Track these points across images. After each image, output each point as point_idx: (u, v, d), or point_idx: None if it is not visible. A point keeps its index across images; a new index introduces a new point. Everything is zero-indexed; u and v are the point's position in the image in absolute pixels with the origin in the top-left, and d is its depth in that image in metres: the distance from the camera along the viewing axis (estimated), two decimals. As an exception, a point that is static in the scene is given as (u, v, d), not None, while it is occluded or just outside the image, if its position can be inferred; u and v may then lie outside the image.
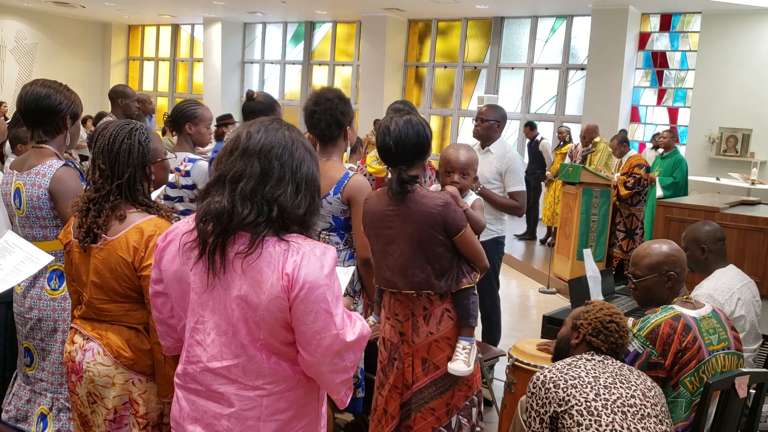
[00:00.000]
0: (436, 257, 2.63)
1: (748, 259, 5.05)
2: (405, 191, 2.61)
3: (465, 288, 2.68)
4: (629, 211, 7.33)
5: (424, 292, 2.67)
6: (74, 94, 2.81)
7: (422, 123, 2.67)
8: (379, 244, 2.74)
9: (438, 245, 2.61)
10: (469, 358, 2.66)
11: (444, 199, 2.60)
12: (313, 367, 1.70)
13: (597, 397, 2.21)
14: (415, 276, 2.65)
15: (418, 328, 2.70)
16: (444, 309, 2.70)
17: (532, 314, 6.37)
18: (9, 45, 16.30)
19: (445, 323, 2.69)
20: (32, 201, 2.65)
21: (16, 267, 2.40)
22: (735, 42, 10.21)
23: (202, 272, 1.71)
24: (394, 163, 2.65)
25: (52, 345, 2.71)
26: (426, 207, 2.59)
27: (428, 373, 2.70)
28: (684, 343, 2.54)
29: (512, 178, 4.35)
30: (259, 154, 1.68)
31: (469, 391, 2.75)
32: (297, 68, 15.73)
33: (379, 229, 2.72)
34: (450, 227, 2.60)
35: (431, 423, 2.71)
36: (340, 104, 3.04)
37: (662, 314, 2.63)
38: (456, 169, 2.83)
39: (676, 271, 2.76)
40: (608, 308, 2.49)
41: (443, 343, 2.69)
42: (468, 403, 2.74)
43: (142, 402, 2.20)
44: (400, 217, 2.64)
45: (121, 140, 2.17)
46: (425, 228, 2.60)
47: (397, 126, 2.62)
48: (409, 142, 2.61)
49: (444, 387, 2.70)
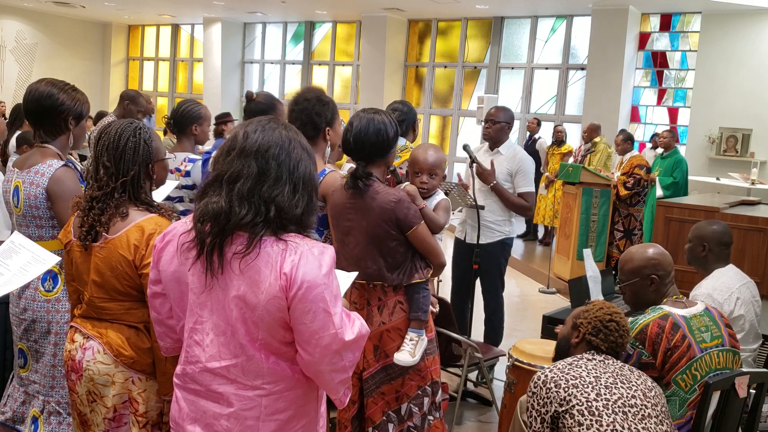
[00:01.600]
0: (388, 251, 2.75)
1: (748, 259, 5.05)
2: (356, 186, 2.74)
3: (416, 282, 2.80)
4: (628, 211, 7.33)
5: (377, 283, 2.79)
6: (80, 93, 2.76)
7: (385, 122, 2.75)
8: (338, 234, 2.88)
9: (391, 240, 2.73)
10: (415, 349, 2.77)
11: (397, 196, 2.72)
12: (312, 366, 1.70)
13: (598, 397, 2.22)
14: (368, 267, 2.76)
15: (372, 317, 2.81)
16: (397, 301, 2.81)
17: (532, 314, 6.37)
18: (9, 45, 16.30)
19: (397, 314, 2.81)
20: (29, 200, 2.63)
21: (23, 268, 2.39)
22: (735, 42, 10.20)
23: (200, 272, 1.71)
24: (355, 159, 2.79)
25: (45, 347, 2.68)
26: (379, 202, 2.71)
27: (379, 360, 2.82)
28: (673, 342, 2.56)
29: (522, 179, 4.41)
30: (256, 154, 1.68)
31: (422, 381, 2.85)
32: (297, 68, 15.73)
33: (338, 220, 2.85)
34: (402, 223, 2.71)
35: (381, 407, 2.83)
36: (317, 105, 3.05)
37: (650, 314, 2.66)
38: (424, 170, 2.95)
39: (658, 274, 2.78)
40: (608, 307, 2.49)
41: (394, 333, 2.81)
42: (420, 392, 2.85)
43: (141, 401, 2.20)
44: (357, 210, 2.76)
45: (126, 138, 2.18)
46: (378, 222, 2.72)
47: (359, 123, 2.75)
48: (368, 139, 2.73)
49: (394, 374, 2.83)
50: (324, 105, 3.06)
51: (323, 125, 3.06)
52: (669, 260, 2.81)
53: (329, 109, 3.08)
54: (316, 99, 3.06)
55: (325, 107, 3.06)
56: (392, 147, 2.81)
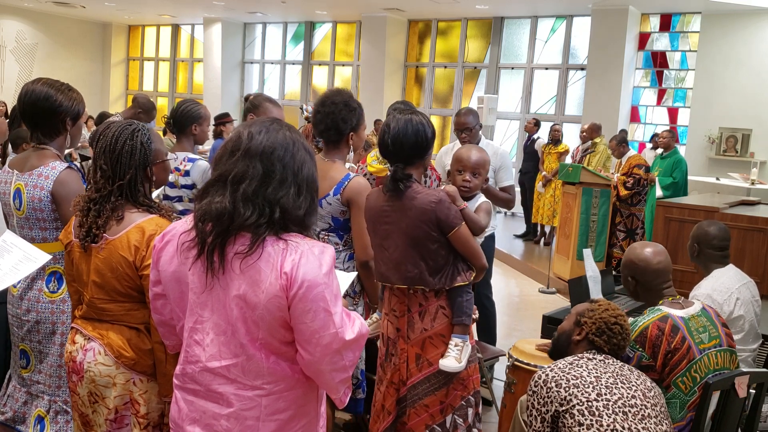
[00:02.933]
0: (429, 254, 2.66)
1: (748, 259, 5.05)
2: (397, 188, 2.66)
3: (459, 285, 2.70)
4: (629, 211, 7.33)
5: (418, 287, 2.69)
6: (76, 93, 2.74)
7: (423, 123, 2.69)
8: (376, 239, 2.79)
9: (432, 242, 2.64)
10: (461, 355, 2.67)
11: (438, 197, 2.63)
12: (313, 365, 1.70)
13: (599, 397, 2.22)
14: (409, 271, 2.67)
15: (413, 324, 2.72)
16: (439, 306, 2.71)
17: (531, 314, 6.37)
18: (9, 45, 16.30)
19: (439, 320, 2.71)
20: (33, 203, 2.62)
21: (14, 266, 2.38)
22: (735, 42, 10.21)
23: (200, 272, 1.71)
24: (392, 161, 2.70)
25: (50, 347, 2.68)
26: (420, 203, 2.63)
27: (422, 369, 2.72)
28: (673, 344, 2.55)
29: (504, 173, 4.52)
30: (261, 156, 1.68)
31: (465, 390, 2.75)
32: (297, 68, 15.73)
33: (376, 224, 2.76)
34: (443, 224, 2.63)
35: (425, 420, 2.72)
36: (343, 110, 3.02)
37: (649, 316, 2.64)
38: (467, 168, 2.87)
39: (635, 277, 2.80)
40: (613, 309, 2.48)
41: (437, 340, 2.71)
42: (464, 403, 2.75)
43: (143, 402, 2.20)
44: (396, 212, 2.68)
45: (123, 141, 2.17)
46: (419, 224, 2.63)
47: (397, 125, 2.67)
48: (407, 141, 2.65)
49: (438, 384, 2.72)
50: (351, 111, 3.04)
51: (348, 131, 3.04)
52: (655, 268, 2.76)
53: (356, 115, 3.06)
54: (343, 104, 3.03)
55: (352, 113, 3.04)
56: (430, 148, 2.75)
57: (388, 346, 2.80)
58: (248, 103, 3.69)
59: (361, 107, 3.13)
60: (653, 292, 2.78)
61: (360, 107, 3.11)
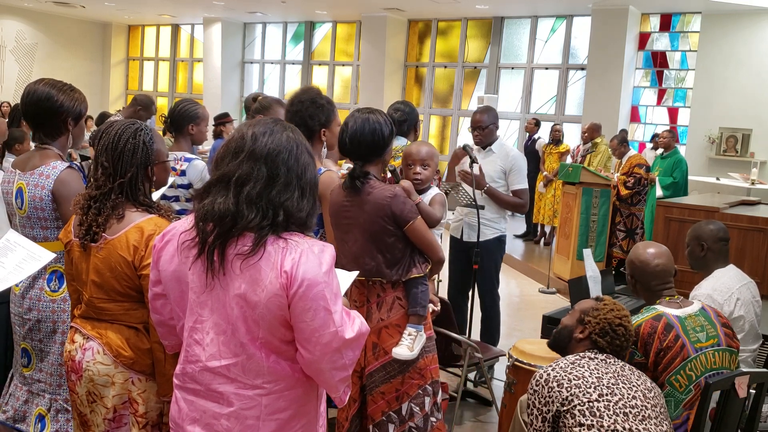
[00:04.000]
0: (387, 247, 2.76)
1: (748, 259, 5.04)
2: (354, 186, 2.76)
3: (415, 277, 2.80)
4: (629, 210, 7.33)
5: (376, 279, 2.80)
6: (78, 93, 2.75)
7: (380, 121, 2.77)
8: (338, 232, 2.89)
9: (388, 235, 2.74)
10: (414, 343, 2.77)
11: (393, 191, 2.73)
12: (313, 364, 1.70)
13: (600, 398, 2.21)
14: (367, 264, 2.78)
15: (371, 314, 2.82)
16: (395, 297, 2.82)
17: (532, 314, 6.37)
18: (9, 45, 16.30)
19: (395, 311, 2.82)
20: (35, 202, 2.63)
21: (19, 265, 2.39)
22: (735, 42, 10.20)
23: (200, 271, 1.71)
24: (351, 158, 2.81)
25: (50, 346, 2.69)
26: (375, 198, 2.73)
27: (378, 357, 2.82)
28: (665, 342, 2.55)
29: (516, 176, 4.45)
30: (266, 158, 1.68)
31: (422, 380, 2.84)
32: (297, 68, 15.73)
33: (338, 218, 2.87)
34: (398, 218, 2.73)
35: (381, 406, 2.82)
36: (310, 107, 3.04)
37: (644, 315, 2.66)
38: (416, 161, 3.01)
39: (634, 276, 2.85)
40: (619, 310, 2.47)
41: (393, 330, 2.82)
42: (421, 391, 2.84)
43: (141, 401, 2.20)
44: (355, 208, 2.78)
45: (126, 139, 2.17)
46: (375, 219, 2.73)
47: (355, 123, 2.77)
48: (364, 139, 2.75)
49: (394, 372, 2.82)
50: (318, 107, 3.05)
51: (317, 128, 3.05)
52: (653, 270, 2.77)
53: (323, 112, 3.07)
54: (309, 101, 3.05)
55: (319, 109, 3.05)
56: (388, 146, 2.83)
57: None
58: (257, 104, 3.69)
59: (330, 104, 3.12)
60: (651, 292, 2.81)
61: (329, 104, 3.11)
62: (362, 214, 2.76)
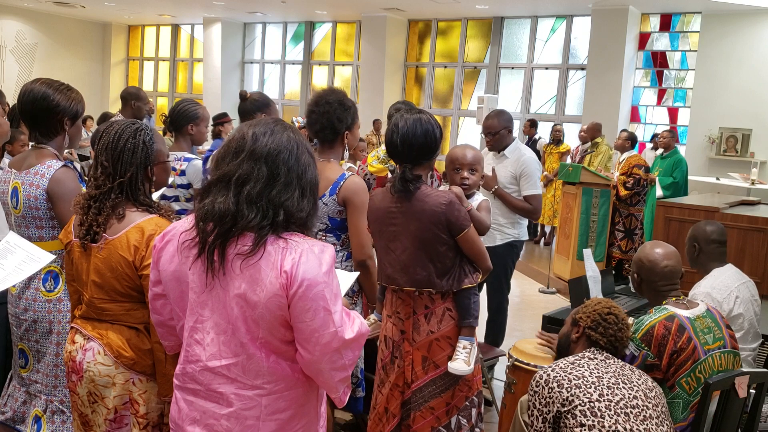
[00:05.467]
0: (438, 256, 2.64)
1: (748, 259, 5.04)
2: (407, 190, 2.63)
3: (466, 288, 2.69)
4: (628, 211, 7.33)
5: (426, 290, 2.67)
6: (75, 93, 2.74)
7: (431, 123, 2.67)
8: (382, 241, 2.76)
9: (441, 244, 2.62)
10: (470, 357, 2.66)
11: (448, 198, 2.61)
12: (312, 365, 1.70)
13: (600, 398, 2.21)
14: (417, 274, 2.66)
15: (419, 326, 2.71)
16: (445, 308, 2.70)
17: (532, 314, 6.37)
18: (9, 45, 16.30)
19: (446, 322, 2.70)
20: (29, 201, 2.62)
21: (18, 267, 2.39)
22: (735, 42, 10.20)
23: (200, 271, 1.71)
24: (401, 161, 2.68)
25: (47, 347, 2.68)
26: (429, 205, 2.60)
27: (428, 371, 2.71)
28: (679, 344, 2.55)
29: (527, 181, 4.33)
30: (266, 158, 1.68)
31: (470, 391, 2.75)
32: (297, 68, 15.73)
33: (382, 225, 2.74)
34: (453, 226, 2.61)
35: (430, 422, 2.71)
36: (338, 110, 3.01)
37: (656, 315, 2.64)
38: (464, 166, 2.86)
39: (640, 274, 2.84)
40: (606, 302, 2.51)
41: (444, 342, 2.70)
42: (468, 403, 2.75)
43: (142, 402, 2.20)
44: (404, 214, 2.65)
45: (125, 139, 2.17)
46: (428, 226, 2.61)
47: (406, 124, 2.64)
48: (416, 141, 2.63)
49: (444, 386, 2.71)
50: (346, 110, 3.03)
51: (343, 130, 3.03)
52: (661, 271, 2.78)
53: (350, 114, 3.05)
54: (338, 103, 3.02)
55: (347, 112, 3.03)
56: (438, 148, 2.73)
57: (392, 349, 2.78)
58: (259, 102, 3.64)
59: (354, 106, 3.12)
60: (656, 293, 2.80)
61: (354, 106, 3.11)
62: (413, 221, 2.63)
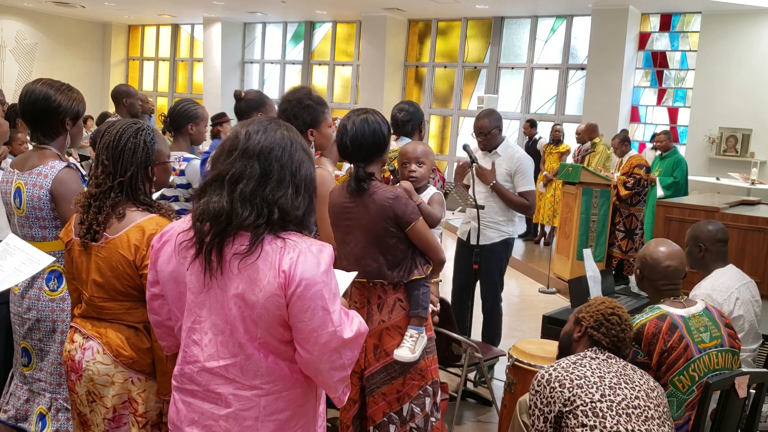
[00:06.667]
0: (389, 248, 2.75)
1: (748, 259, 5.04)
2: (360, 188, 2.74)
3: (416, 279, 2.79)
4: (629, 211, 7.33)
5: (377, 281, 2.79)
6: (76, 93, 2.75)
7: (379, 122, 2.77)
8: (338, 234, 2.88)
9: (390, 237, 2.73)
10: (415, 345, 2.77)
11: (395, 193, 2.72)
12: (311, 364, 1.69)
13: (603, 398, 2.21)
14: (368, 265, 2.77)
15: (372, 315, 2.81)
16: (396, 298, 2.81)
17: (532, 314, 6.37)
18: (9, 45, 16.29)
19: (396, 312, 2.81)
20: (33, 201, 2.63)
21: (17, 268, 2.40)
22: (735, 42, 10.20)
23: (198, 272, 1.70)
24: (353, 161, 2.78)
25: (50, 345, 2.70)
26: (378, 200, 2.72)
27: (379, 359, 2.81)
28: (669, 343, 2.55)
29: (522, 178, 4.44)
30: (258, 156, 1.68)
31: (422, 380, 2.83)
32: (297, 68, 15.73)
33: (339, 220, 2.86)
34: (400, 220, 2.72)
35: (382, 408, 2.82)
36: (295, 107, 3.03)
37: (648, 314, 2.66)
38: (411, 160, 3.00)
39: (642, 271, 2.86)
40: (610, 302, 2.51)
41: (394, 331, 2.81)
42: (421, 392, 2.83)
43: (141, 401, 2.20)
44: (357, 209, 2.77)
45: (127, 138, 2.18)
46: (378, 220, 2.72)
47: (354, 125, 2.74)
48: (365, 140, 2.73)
49: (395, 373, 2.81)
50: (304, 108, 3.04)
51: (301, 127, 3.02)
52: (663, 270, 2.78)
53: (309, 112, 3.05)
54: (296, 101, 3.05)
55: (305, 110, 3.04)
56: (388, 144, 2.83)
57: None
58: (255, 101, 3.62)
59: (320, 104, 3.09)
60: (657, 290, 2.81)
61: (319, 104, 3.08)
62: (364, 215, 2.75)
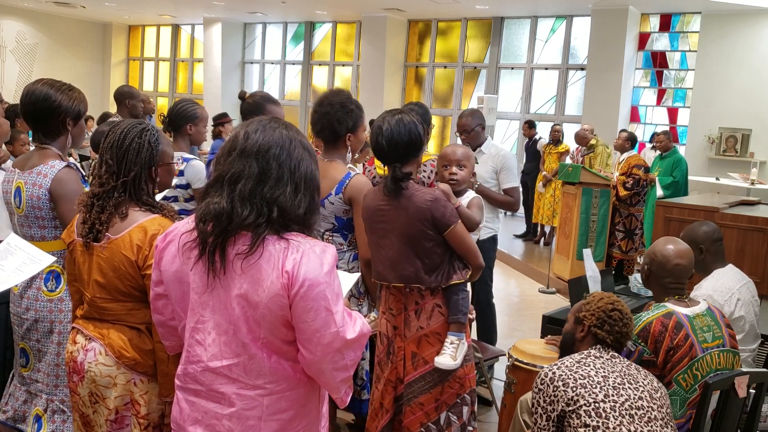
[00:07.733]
0: (425, 252, 2.67)
1: (748, 259, 5.05)
2: (399, 188, 2.67)
3: (455, 284, 2.72)
4: (628, 211, 7.33)
5: (414, 285, 2.70)
6: (77, 93, 2.75)
7: (414, 121, 2.72)
8: (373, 237, 2.80)
9: (427, 240, 2.66)
10: (456, 352, 2.69)
11: (434, 195, 2.65)
12: (314, 365, 1.70)
13: (606, 399, 2.20)
14: (405, 270, 2.69)
15: (409, 322, 2.74)
16: (435, 304, 2.73)
17: (532, 314, 6.38)
18: (9, 45, 16.29)
19: (435, 318, 2.73)
20: (32, 201, 2.64)
21: (18, 268, 2.40)
22: (735, 42, 10.21)
23: (202, 272, 1.71)
24: (388, 161, 2.72)
25: (48, 346, 2.69)
26: (416, 202, 2.65)
27: (417, 367, 2.74)
28: (676, 341, 2.55)
29: (507, 175, 4.50)
30: (256, 155, 1.69)
31: (461, 389, 2.77)
32: (297, 68, 15.73)
33: (373, 223, 2.78)
34: (439, 222, 2.64)
35: (420, 418, 2.74)
36: (339, 111, 3.02)
37: (654, 312, 2.65)
38: (452, 162, 2.94)
39: (650, 267, 2.85)
40: (608, 297, 2.49)
41: (433, 338, 2.73)
42: (459, 401, 2.76)
43: (143, 402, 2.20)
44: (392, 211, 2.70)
45: (131, 138, 2.19)
46: (415, 223, 2.65)
47: (389, 125, 2.69)
48: (401, 140, 2.67)
49: (433, 382, 2.73)
50: (347, 113, 3.03)
51: (343, 133, 3.04)
52: (671, 269, 2.79)
53: (352, 117, 3.05)
54: (339, 105, 3.03)
55: (348, 115, 3.03)
56: (424, 144, 2.78)
57: (386, 345, 2.81)
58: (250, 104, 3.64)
59: (360, 109, 3.11)
60: (662, 288, 2.81)
61: (359, 109, 3.10)
62: (401, 217, 2.67)
